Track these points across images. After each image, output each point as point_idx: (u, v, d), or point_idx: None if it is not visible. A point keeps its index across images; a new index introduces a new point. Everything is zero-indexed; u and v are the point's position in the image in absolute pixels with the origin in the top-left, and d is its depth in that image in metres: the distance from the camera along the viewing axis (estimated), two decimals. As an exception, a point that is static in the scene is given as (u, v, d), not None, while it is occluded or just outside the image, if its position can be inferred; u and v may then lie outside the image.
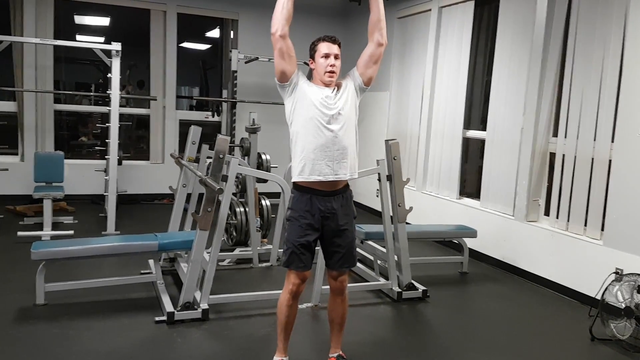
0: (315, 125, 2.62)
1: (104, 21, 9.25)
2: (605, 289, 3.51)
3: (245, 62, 7.11)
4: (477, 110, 5.98)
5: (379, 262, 4.53)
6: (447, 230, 5.01)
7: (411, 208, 4.11)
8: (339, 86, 2.74)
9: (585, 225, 4.28)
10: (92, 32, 10.64)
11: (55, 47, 6.62)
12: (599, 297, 3.58)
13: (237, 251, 4.87)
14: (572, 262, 4.31)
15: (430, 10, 6.15)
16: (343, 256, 2.74)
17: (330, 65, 2.66)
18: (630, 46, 3.89)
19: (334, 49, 2.70)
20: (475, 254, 5.17)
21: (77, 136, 10.16)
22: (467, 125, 5.80)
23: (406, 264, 4.10)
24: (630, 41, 3.89)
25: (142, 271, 4.21)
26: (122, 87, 7.57)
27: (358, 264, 4.35)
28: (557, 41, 4.57)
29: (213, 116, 7.87)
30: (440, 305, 4.06)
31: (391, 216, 4.10)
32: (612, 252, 3.94)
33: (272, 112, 6.93)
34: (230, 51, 7.20)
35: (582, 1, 4.33)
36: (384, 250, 4.28)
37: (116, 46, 5.59)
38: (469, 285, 4.66)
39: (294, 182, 2.74)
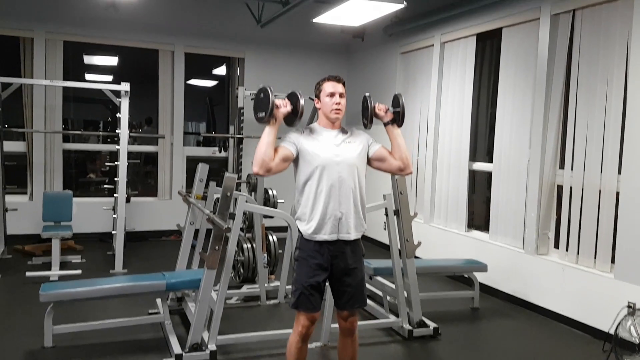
0: (321, 167, 2.63)
1: (113, 61, 9.42)
2: (619, 324, 3.46)
3: (252, 99, 7.18)
4: (482, 142, 6.00)
5: (388, 298, 4.48)
6: (457, 265, 4.97)
7: (419, 243, 4.09)
8: (347, 131, 2.77)
9: (595, 258, 4.23)
10: (101, 71, 10.83)
11: (65, 87, 6.75)
12: (612, 331, 3.52)
13: (245, 288, 4.83)
14: (583, 295, 4.26)
15: (432, 45, 6.23)
16: (353, 296, 2.72)
17: (336, 104, 2.71)
18: (633, 78, 3.92)
19: (339, 87, 2.74)
20: (485, 288, 5.11)
21: (85, 173, 10.23)
22: (473, 157, 5.81)
23: (416, 301, 4.05)
24: (633, 73, 3.92)
25: (150, 311, 4.18)
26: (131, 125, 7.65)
27: (367, 300, 4.31)
28: (560, 74, 4.61)
29: (220, 152, 7.94)
30: (452, 343, 3.99)
31: (399, 249, 4.07)
32: (624, 285, 3.88)
33: (278, 147, 6.97)
34: (237, 88, 7.30)
35: (584, 34, 4.39)
36: (393, 286, 4.24)
37: (125, 86, 5.69)
38: (480, 321, 4.59)
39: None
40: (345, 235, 2.66)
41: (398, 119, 2.88)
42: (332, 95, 2.71)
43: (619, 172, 4.03)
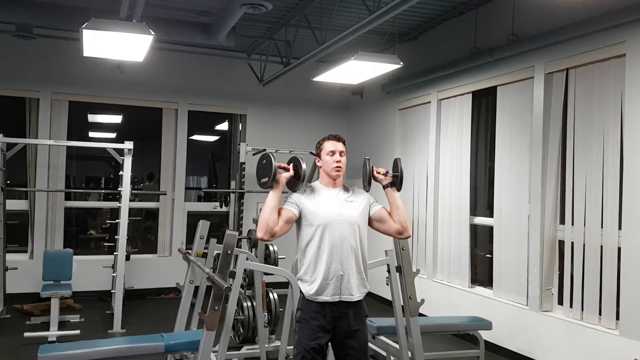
0: (322, 226, 2.65)
1: (116, 119, 9.60)
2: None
3: (253, 154, 7.29)
4: (482, 197, 6.03)
5: (392, 358, 4.39)
6: (462, 323, 4.89)
7: (423, 301, 4.04)
8: (349, 190, 2.81)
9: (600, 314, 4.18)
10: (104, 129, 11.01)
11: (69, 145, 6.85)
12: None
13: (245, 349, 4.74)
14: (589, 353, 4.17)
15: (429, 102, 6.37)
16: (356, 359, 2.68)
17: (337, 162, 2.76)
18: (628, 134, 3.99)
19: (339, 146, 2.80)
20: (490, 346, 5.01)
21: (85, 230, 10.24)
22: (474, 211, 5.83)
23: (420, 361, 3.97)
24: (628, 129, 3.99)
25: (149, 373, 4.09)
26: (134, 181, 7.72)
27: (370, 361, 4.22)
28: (556, 130, 4.69)
29: (221, 207, 7.96)
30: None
31: (402, 305, 4.02)
32: (629, 342, 3.82)
33: (279, 202, 7.00)
34: (239, 144, 7.40)
35: (578, 92, 4.49)
36: (397, 346, 4.16)
37: (128, 145, 5.78)
38: (486, 381, 4.48)
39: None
40: (347, 296, 2.65)
41: (397, 182, 2.90)
42: (332, 153, 2.77)
43: (620, 228, 4.03)
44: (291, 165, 2.75)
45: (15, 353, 4.69)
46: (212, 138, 12.29)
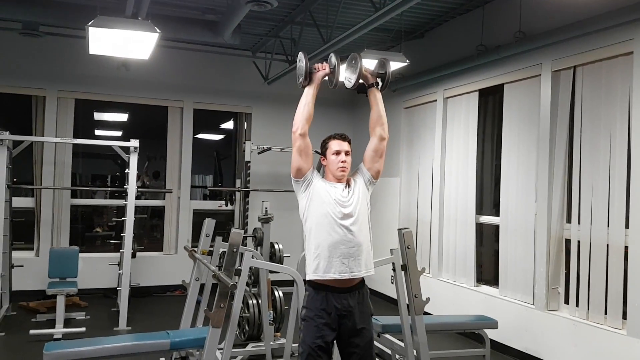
0: (329, 222, 2.65)
1: (122, 117, 9.62)
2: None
3: (259, 153, 7.29)
4: (488, 195, 6.00)
5: (397, 356, 4.37)
6: (468, 322, 4.86)
7: (428, 299, 4.02)
8: (349, 182, 2.80)
9: (606, 314, 4.15)
10: (110, 127, 11.04)
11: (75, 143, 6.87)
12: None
13: (250, 347, 4.74)
14: (595, 353, 4.15)
15: (435, 100, 6.35)
16: (362, 357, 2.68)
17: (342, 162, 2.76)
18: (636, 132, 3.96)
19: (345, 145, 2.80)
20: (496, 345, 4.99)
21: (92, 227, 10.27)
22: (480, 210, 5.81)
23: (426, 359, 3.95)
24: (635, 127, 3.97)
25: (154, 370, 4.10)
26: (138, 177, 7.73)
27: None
28: (564, 128, 4.66)
29: (226, 205, 7.96)
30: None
31: (407, 304, 4.01)
32: (636, 342, 3.80)
33: (284, 199, 7.01)
34: (244, 142, 7.41)
35: (585, 90, 4.46)
36: (402, 344, 4.15)
37: (134, 143, 5.79)
38: (492, 380, 4.46)
39: (308, 280, 2.73)
40: (355, 273, 2.64)
41: (383, 82, 2.90)
42: (337, 153, 2.77)
43: (627, 227, 4.01)
44: (324, 64, 2.83)
45: (21, 350, 4.71)
46: (217, 137, 12.31)
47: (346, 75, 2.92)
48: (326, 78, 2.88)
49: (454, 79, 6.00)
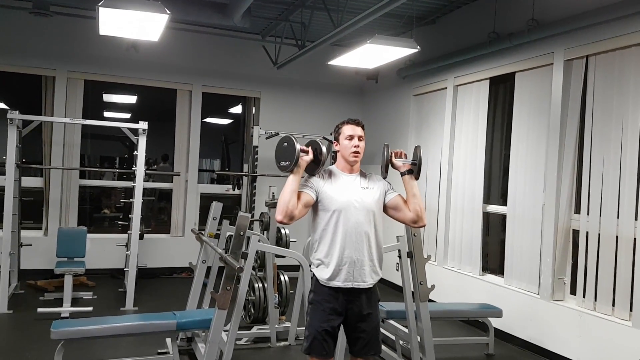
0: (338, 211, 2.62)
1: (131, 99, 9.62)
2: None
3: (267, 138, 7.28)
4: (496, 185, 5.98)
5: (401, 342, 4.40)
6: (472, 310, 4.88)
7: (433, 286, 4.03)
8: (366, 176, 2.77)
9: (613, 305, 4.14)
10: (119, 109, 11.05)
11: (83, 124, 6.89)
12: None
13: (255, 329, 4.78)
14: (601, 344, 4.15)
15: (446, 88, 6.30)
16: (368, 342, 2.68)
17: (355, 147, 2.71)
18: (648, 124, 3.92)
19: (358, 130, 2.76)
20: (500, 334, 5.00)
21: (100, 208, 10.34)
22: (487, 199, 5.79)
23: (430, 346, 3.97)
24: (647, 119, 3.93)
25: (159, 350, 4.15)
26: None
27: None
28: (574, 118, 4.62)
29: (234, 189, 7.97)
30: (465, 390, 3.90)
31: (412, 291, 4.02)
32: (644, 334, 3.79)
33: (291, 186, 7.00)
34: (252, 127, 7.40)
35: (598, 80, 4.41)
36: (406, 330, 4.17)
37: (143, 125, 5.80)
38: (495, 368, 4.48)
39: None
40: (359, 283, 2.64)
41: (415, 171, 2.84)
42: (351, 138, 2.73)
43: (636, 218, 3.98)
44: (310, 148, 2.71)
45: (28, 328, 4.77)
46: (225, 121, 12.29)
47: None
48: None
49: (464, 67, 5.94)
